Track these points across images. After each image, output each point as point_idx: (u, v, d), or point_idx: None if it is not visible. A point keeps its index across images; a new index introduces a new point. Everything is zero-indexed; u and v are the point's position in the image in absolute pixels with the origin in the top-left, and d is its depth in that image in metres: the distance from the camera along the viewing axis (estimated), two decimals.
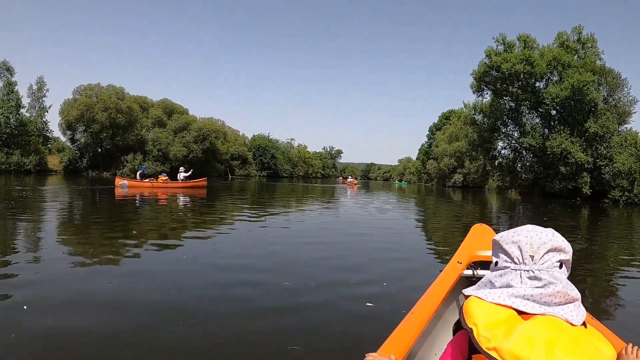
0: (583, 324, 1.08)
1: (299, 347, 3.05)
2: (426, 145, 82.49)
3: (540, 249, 1.12)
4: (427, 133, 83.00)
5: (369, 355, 1.30)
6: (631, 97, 33.82)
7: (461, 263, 2.81)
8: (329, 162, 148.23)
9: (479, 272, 2.79)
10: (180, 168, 28.09)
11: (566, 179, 31.87)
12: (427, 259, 6.87)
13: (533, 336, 0.98)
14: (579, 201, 30.01)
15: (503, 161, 41.15)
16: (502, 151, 41.78)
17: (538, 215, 17.80)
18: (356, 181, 64.12)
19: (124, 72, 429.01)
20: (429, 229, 11.68)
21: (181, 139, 61.01)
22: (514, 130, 39.09)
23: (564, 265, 1.13)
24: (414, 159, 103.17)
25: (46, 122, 53.67)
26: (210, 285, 4.63)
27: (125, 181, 23.71)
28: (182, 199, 17.87)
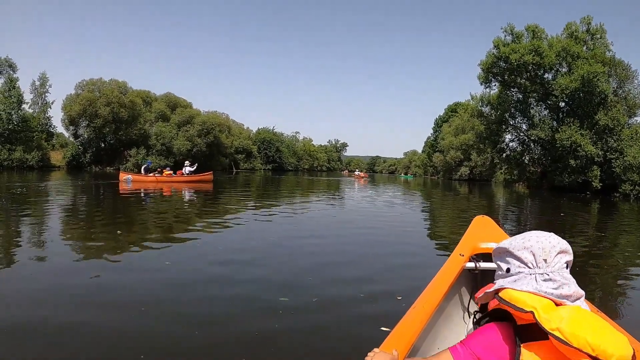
0: None
1: (300, 346, 2.99)
2: (432, 138, 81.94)
3: (551, 252, 1.18)
4: (433, 126, 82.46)
5: (371, 352, 1.34)
6: None
7: (463, 255, 2.78)
8: (334, 155, 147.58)
9: (481, 264, 2.76)
10: (186, 162, 27.90)
11: (576, 172, 31.37)
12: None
13: (581, 319, 1.04)
14: (588, 195, 29.59)
15: (511, 154, 40.56)
16: (510, 144, 41.24)
17: (548, 209, 17.41)
18: (364, 174, 65.22)
19: (127, 66, 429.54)
20: (438, 225, 11.34)
21: (185, 133, 60.58)
22: (522, 123, 38.55)
23: (569, 266, 1.20)
24: (420, 151, 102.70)
25: (49, 118, 53.57)
26: (215, 283, 4.51)
27: (130, 176, 23.53)
28: (188, 193, 17.60)
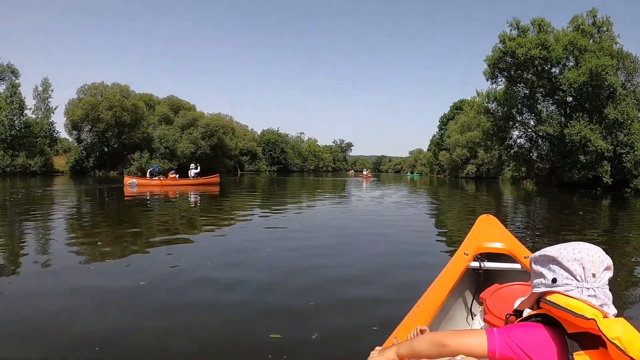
0: None
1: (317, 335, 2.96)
2: (437, 136, 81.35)
3: (599, 267, 1.13)
4: (438, 124, 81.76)
5: (374, 351, 1.35)
6: None
7: (467, 255, 2.73)
8: (340, 155, 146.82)
9: (485, 264, 2.69)
10: (191, 165, 27.79)
11: (585, 168, 30.85)
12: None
13: (632, 331, 1.02)
14: (599, 191, 29.10)
15: (519, 150, 40.01)
16: (518, 140, 40.66)
17: (558, 207, 16.98)
18: (369, 175, 66.03)
19: (129, 70, 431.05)
20: (444, 224, 10.97)
21: (188, 136, 60.23)
22: (530, 119, 38.07)
23: (609, 283, 1.17)
24: (425, 150, 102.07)
25: (52, 123, 53.34)
26: (218, 287, 4.42)
27: (134, 180, 23.41)
28: (194, 196, 17.28)
